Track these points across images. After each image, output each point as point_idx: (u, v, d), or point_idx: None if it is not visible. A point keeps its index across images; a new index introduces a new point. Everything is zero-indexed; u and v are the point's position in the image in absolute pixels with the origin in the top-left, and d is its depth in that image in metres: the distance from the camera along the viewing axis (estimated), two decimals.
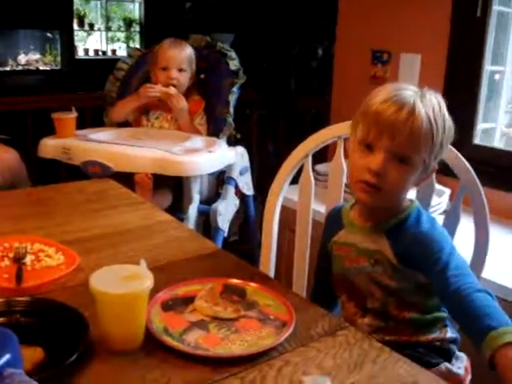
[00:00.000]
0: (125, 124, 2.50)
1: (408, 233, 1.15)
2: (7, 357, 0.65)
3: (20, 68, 7.77)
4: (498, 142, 2.57)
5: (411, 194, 1.43)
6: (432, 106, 1.11)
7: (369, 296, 1.20)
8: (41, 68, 7.91)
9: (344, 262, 1.24)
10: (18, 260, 1.13)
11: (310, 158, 1.57)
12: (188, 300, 1.01)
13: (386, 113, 1.09)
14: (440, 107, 1.13)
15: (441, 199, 2.15)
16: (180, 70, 2.42)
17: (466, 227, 1.39)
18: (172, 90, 2.35)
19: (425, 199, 1.41)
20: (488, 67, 2.40)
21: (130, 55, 2.72)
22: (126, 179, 2.07)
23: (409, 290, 1.16)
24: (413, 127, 1.08)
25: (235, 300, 1.03)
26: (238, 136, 2.66)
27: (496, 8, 2.34)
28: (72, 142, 2.21)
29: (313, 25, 7.21)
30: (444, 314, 1.21)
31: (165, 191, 2.28)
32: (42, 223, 1.39)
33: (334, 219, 1.30)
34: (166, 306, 0.99)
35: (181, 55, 2.43)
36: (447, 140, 1.14)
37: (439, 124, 1.10)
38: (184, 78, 2.43)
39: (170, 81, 2.39)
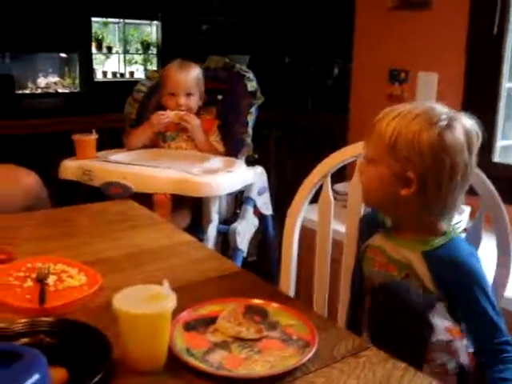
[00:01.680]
0: (143, 147, 2.52)
1: (449, 260, 1.15)
2: (36, 377, 0.65)
3: (39, 91, 7.89)
4: None
5: None
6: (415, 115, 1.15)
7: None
8: (60, 91, 8.03)
9: (374, 264, 1.26)
10: (41, 280, 1.14)
11: (329, 178, 1.57)
12: (210, 320, 1.01)
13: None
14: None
15: (461, 217, 2.13)
16: (188, 95, 2.43)
17: (487, 245, 1.38)
18: (181, 112, 2.37)
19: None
20: (506, 84, 2.40)
21: (148, 77, 2.75)
22: (146, 200, 2.09)
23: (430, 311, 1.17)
24: (377, 132, 1.18)
25: (257, 320, 1.02)
26: (256, 156, 2.67)
27: None
28: (93, 163, 2.23)
29: (327, 44, 7.27)
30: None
31: (184, 211, 2.29)
32: (65, 244, 1.41)
33: (369, 222, 1.35)
34: (189, 327, 0.99)
35: (188, 80, 2.43)
36: (423, 154, 1.12)
37: (405, 136, 1.13)
38: (193, 102, 2.45)
39: (178, 107, 2.41)
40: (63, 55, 7.99)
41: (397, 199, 1.17)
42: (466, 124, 1.18)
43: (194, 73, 2.47)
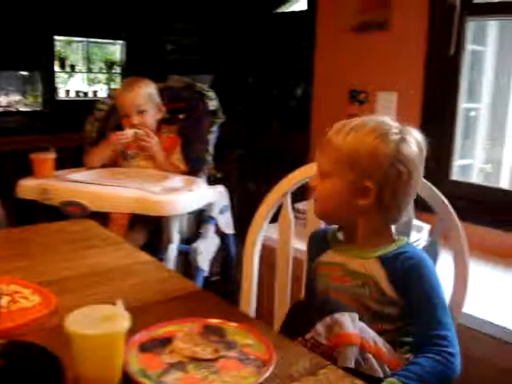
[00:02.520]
0: (103, 166, 2.50)
1: (406, 264, 1.20)
2: None
3: (0, 109, 7.76)
4: (476, 178, 2.61)
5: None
6: (362, 126, 1.23)
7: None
8: (22, 109, 7.91)
9: (329, 280, 1.29)
10: None
11: (288, 196, 1.57)
12: (166, 341, 0.99)
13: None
14: (368, 131, 1.22)
15: (420, 235, 2.16)
16: (140, 112, 2.42)
17: (446, 262, 1.39)
18: (139, 131, 2.35)
19: (403, 235, 1.41)
20: (463, 105, 2.45)
21: (109, 96, 2.74)
22: (105, 219, 2.06)
23: (391, 315, 1.21)
24: (333, 146, 1.23)
25: (214, 340, 1.01)
26: (219, 175, 2.67)
27: (470, 47, 2.40)
28: (50, 182, 2.20)
29: (290, 65, 7.35)
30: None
31: (140, 228, 2.27)
32: (19, 264, 1.37)
33: (319, 240, 1.37)
34: (144, 348, 0.97)
35: (136, 98, 2.42)
36: (380, 161, 1.19)
37: (364, 148, 1.19)
38: (148, 118, 2.44)
39: (133, 127, 2.39)
40: (25, 73, 7.89)
41: (353, 209, 1.23)
42: (417, 137, 1.25)
43: (142, 89, 2.44)
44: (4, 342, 0.93)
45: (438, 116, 2.45)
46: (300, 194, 1.85)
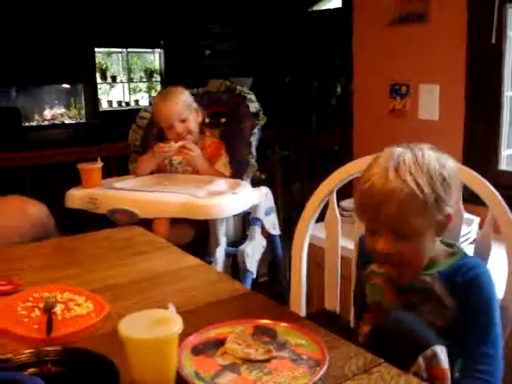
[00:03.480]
0: (150, 172, 2.53)
1: (467, 276, 1.17)
2: None
3: (46, 123, 7.95)
4: None
5: None
6: (408, 167, 1.12)
7: None
8: (66, 122, 8.09)
9: (384, 294, 1.25)
10: (48, 310, 1.13)
11: (334, 195, 1.56)
12: (218, 343, 1.00)
13: (366, 203, 1.15)
14: (420, 161, 1.13)
15: (470, 228, 2.11)
16: (183, 121, 2.43)
17: (497, 255, 1.36)
18: (181, 143, 2.37)
19: (453, 229, 1.38)
20: (508, 93, 2.39)
21: (151, 104, 2.77)
22: (148, 224, 2.09)
23: (455, 328, 1.18)
24: (390, 208, 1.11)
25: (266, 341, 1.01)
26: (263, 177, 2.67)
27: (511, 34, 2.34)
28: (98, 191, 2.24)
29: (329, 63, 7.31)
30: None
31: (184, 226, 2.28)
32: (71, 272, 1.40)
33: None
34: (197, 350, 0.98)
35: (175, 108, 2.42)
36: (449, 183, 1.14)
37: (422, 182, 1.11)
38: (190, 124, 2.45)
39: (179, 136, 2.41)
40: (68, 86, 8.06)
41: (432, 246, 1.20)
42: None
43: (179, 99, 2.45)
44: (60, 349, 0.96)
45: (483, 106, 2.39)
46: (344, 191, 1.84)
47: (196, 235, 2.33)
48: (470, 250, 1.41)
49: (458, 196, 1.21)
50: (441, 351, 1.06)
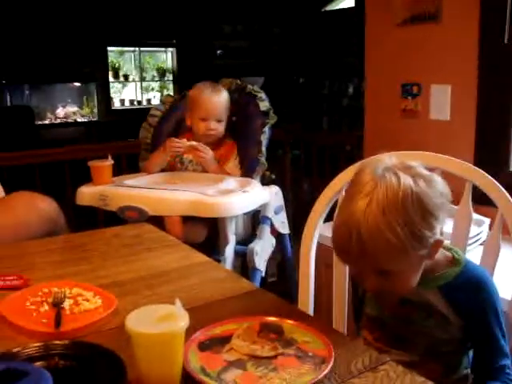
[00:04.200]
0: (161, 170, 2.53)
1: (465, 287, 1.14)
2: None
3: (58, 121, 8.01)
4: None
5: (448, 226, 1.42)
6: (382, 207, 1.01)
7: (410, 345, 1.19)
8: (79, 120, 8.14)
9: (383, 308, 1.22)
10: (57, 305, 1.14)
11: (343, 193, 1.56)
12: (225, 339, 1.00)
13: (340, 247, 1.08)
14: (395, 197, 1.01)
15: (480, 229, 2.10)
16: (218, 121, 2.44)
17: (508, 256, 1.36)
18: (195, 143, 2.37)
19: (462, 230, 1.38)
20: None
21: (162, 102, 2.78)
22: (161, 222, 2.10)
23: (459, 338, 1.16)
24: (367, 249, 1.02)
25: (273, 338, 1.01)
26: (273, 176, 2.67)
27: None
28: (108, 188, 2.25)
29: (341, 63, 7.30)
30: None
31: (198, 225, 2.29)
32: (80, 268, 1.41)
33: None
34: (203, 346, 0.98)
35: (220, 105, 2.43)
36: (432, 213, 1.04)
37: (398, 227, 1.00)
38: (222, 128, 2.46)
39: (208, 132, 2.42)
40: (81, 85, 8.11)
41: (421, 270, 1.12)
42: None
43: (225, 97, 2.47)
44: (68, 343, 0.96)
45: (495, 106, 2.38)
46: None
47: (208, 234, 2.34)
48: (479, 251, 1.41)
49: (448, 212, 1.10)
50: None
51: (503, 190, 1.34)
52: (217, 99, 2.43)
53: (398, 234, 1.00)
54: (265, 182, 2.56)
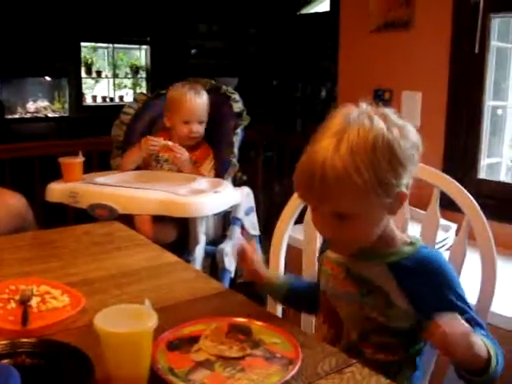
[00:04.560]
0: (136, 168, 2.52)
1: (419, 271, 1.07)
2: None
3: (29, 115, 7.89)
4: (504, 177, 2.58)
5: (416, 231, 1.44)
6: (351, 146, 0.98)
7: (348, 325, 1.14)
8: (49, 115, 8.03)
9: (329, 280, 1.17)
10: (24, 302, 1.13)
11: None
12: (193, 340, 1.01)
13: (303, 183, 1.05)
14: (365, 138, 0.99)
15: (447, 234, 2.14)
16: (200, 123, 2.44)
17: (474, 262, 1.38)
18: (171, 143, 2.36)
19: (430, 235, 1.41)
20: (490, 102, 2.43)
21: (135, 100, 2.77)
22: (132, 221, 2.09)
23: (400, 329, 1.10)
24: (330, 189, 0.99)
25: (241, 339, 1.02)
26: (244, 177, 2.68)
27: (494, 44, 2.37)
28: (78, 185, 2.23)
29: (315, 67, 7.34)
30: (416, 366, 1.15)
31: (168, 225, 2.28)
32: (49, 266, 1.40)
33: None
34: (172, 346, 0.98)
35: (203, 107, 2.43)
36: (402, 162, 1.01)
37: (363, 166, 0.97)
38: (203, 130, 2.46)
39: (191, 134, 2.42)
40: (52, 80, 8.01)
41: (380, 223, 1.07)
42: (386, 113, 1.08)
43: (206, 99, 2.46)
44: (35, 341, 0.96)
45: (464, 115, 2.43)
46: None
47: (179, 234, 2.33)
48: (446, 255, 1.44)
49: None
50: None
51: (470, 196, 1.36)
52: (199, 101, 2.43)
53: (363, 176, 0.97)
54: (236, 183, 2.57)
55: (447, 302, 1.04)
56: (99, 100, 8.58)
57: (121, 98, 8.75)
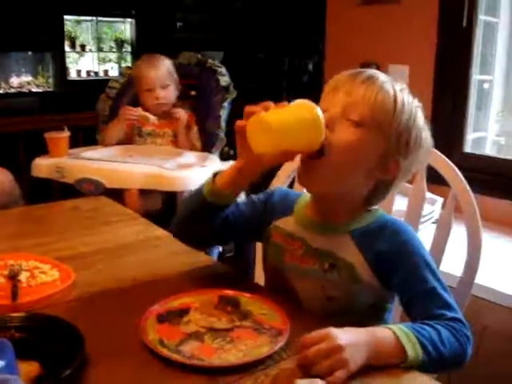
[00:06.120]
0: (119, 142, 2.51)
1: (386, 240, 1.02)
2: (2, 364, 0.65)
3: (12, 90, 7.78)
4: (489, 151, 2.60)
5: (402, 204, 1.45)
6: (399, 92, 1.03)
7: (307, 307, 1.09)
8: (33, 90, 7.92)
9: (284, 255, 1.12)
10: (13, 277, 1.13)
11: None
12: (183, 312, 1.02)
13: (343, 74, 1.05)
14: (410, 104, 1.05)
15: (433, 207, 2.16)
16: (164, 87, 2.44)
17: (459, 234, 1.40)
18: (151, 117, 2.37)
19: (416, 208, 1.42)
20: (476, 76, 2.43)
21: (121, 74, 2.75)
22: (119, 196, 2.08)
23: (362, 306, 1.06)
24: (369, 89, 1.01)
25: (230, 310, 1.03)
26: (232, 152, 2.67)
27: (482, 18, 2.37)
28: (65, 160, 2.22)
29: (302, 41, 7.29)
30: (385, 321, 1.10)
31: (153, 193, 2.28)
32: (37, 241, 1.39)
33: (285, 200, 1.17)
34: (161, 318, 0.99)
35: (160, 73, 2.44)
36: (414, 143, 1.04)
37: (401, 108, 1.01)
38: (170, 93, 2.46)
39: (157, 101, 2.41)
40: (36, 54, 7.89)
41: (363, 182, 1.04)
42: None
43: (164, 65, 2.47)
44: (24, 316, 0.96)
45: (451, 88, 2.43)
46: None
47: (165, 205, 2.33)
48: (432, 228, 1.45)
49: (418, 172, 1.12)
50: None
51: (456, 169, 1.38)
52: (155, 68, 2.45)
53: (398, 118, 1.01)
54: (223, 157, 2.56)
55: (413, 269, 0.99)
56: (84, 74, 8.47)
57: (105, 72, 8.64)
